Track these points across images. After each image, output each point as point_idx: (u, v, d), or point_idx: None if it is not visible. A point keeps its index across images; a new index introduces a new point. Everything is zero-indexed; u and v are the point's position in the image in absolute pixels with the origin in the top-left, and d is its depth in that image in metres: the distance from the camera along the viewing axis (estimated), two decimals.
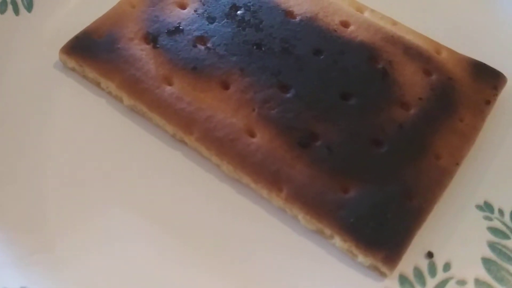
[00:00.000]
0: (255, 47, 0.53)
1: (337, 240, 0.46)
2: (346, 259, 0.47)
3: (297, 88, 0.51)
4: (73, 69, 0.55)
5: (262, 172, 0.48)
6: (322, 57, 0.53)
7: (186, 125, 0.50)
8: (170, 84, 0.52)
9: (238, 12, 0.55)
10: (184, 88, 0.51)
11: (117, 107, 0.53)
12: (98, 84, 0.54)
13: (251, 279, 0.46)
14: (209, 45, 0.53)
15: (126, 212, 0.48)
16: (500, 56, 0.56)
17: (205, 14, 0.55)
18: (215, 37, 0.54)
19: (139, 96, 0.52)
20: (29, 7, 0.58)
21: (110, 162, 0.50)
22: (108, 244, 0.46)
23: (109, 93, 0.53)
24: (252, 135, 0.49)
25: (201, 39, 0.54)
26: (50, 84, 0.54)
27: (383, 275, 0.46)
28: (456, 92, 0.52)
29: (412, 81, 0.52)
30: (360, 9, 0.57)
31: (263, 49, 0.53)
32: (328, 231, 0.47)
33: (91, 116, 0.53)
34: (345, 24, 0.55)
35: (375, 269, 0.46)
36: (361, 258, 0.46)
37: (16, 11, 0.58)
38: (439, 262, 0.47)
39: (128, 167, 0.50)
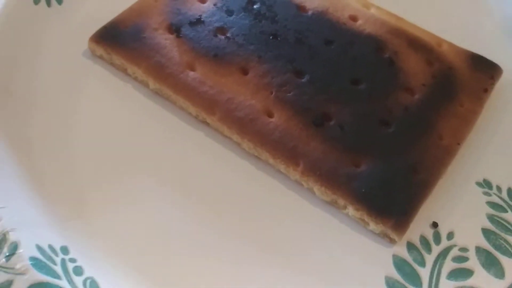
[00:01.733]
0: (271, 37, 0.58)
1: (350, 210, 0.51)
2: (358, 227, 0.52)
3: (311, 74, 0.56)
4: (100, 57, 0.60)
5: (280, 149, 0.53)
6: (333, 47, 0.58)
7: (208, 107, 0.55)
8: (193, 69, 0.57)
9: (255, 6, 0.61)
10: (206, 73, 0.56)
11: (143, 91, 0.59)
12: (124, 70, 0.59)
13: (270, 245, 0.50)
14: (228, 35, 0.58)
15: (152, 183, 0.53)
16: (497, 50, 0.62)
17: (223, 8, 0.60)
18: (234, 28, 0.59)
19: (165, 80, 0.57)
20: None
21: (137, 141, 0.56)
22: (135, 210, 0.51)
23: (135, 78, 0.59)
24: (270, 115, 0.54)
25: (221, 30, 0.59)
26: (80, 70, 0.59)
27: (392, 241, 0.51)
28: (456, 80, 0.58)
29: (416, 69, 0.58)
30: (367, 5, 0.63)
31: (278, 39, 0.58)
32: (341, 202, 0.52)
33: (118, 99, 0.58)
34: (354, 18, 0.61)
35: (385, 235, 0.51)
36: (372, 225, 0.51)
37: (48, 3, 0.63)
38: (443, 231, 0.52)
39: (154, 145, 0.55)
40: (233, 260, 0.49)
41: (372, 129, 0.54)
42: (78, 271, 0.46)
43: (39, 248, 0.46)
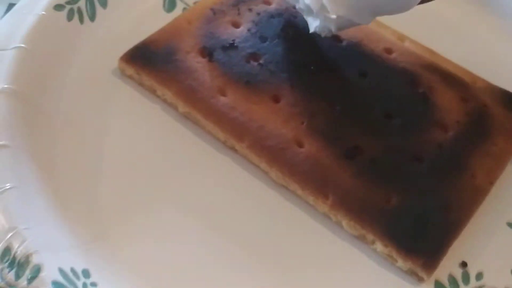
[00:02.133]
0: (304, 66, 0.58)
1: (379, 245, 0.51)
2: (385, 264, 0.51)
3: (344, 105, 0.56)
4: (130, 77, 0.60)
5: (309, 180, 0.53)
6: (367, 78, 0.58)
7: (238, 133, 0.55)
8: (224, 95, 0.56)
9: (289, 32, 0.61)
10: (237, 99, 0.56)
11: (171, 114, 0.58)
12: (153, 92, 0.59)
13: (298, 279, 0.50)
14: (261, 61, 0.58)
15: (176, 210, 0.53)
16: None
17: (257, 33, 0.60)
18: (267, 55, 0.59)
19: (195, 104, 0.57)
20: (93, 17, 0.63)
21: (163, 164, 0.55)
22: (158, 238, 0.51)
23: (165, 100, 0.58)
24: (301, 145, 0.54)
25: (254, 56, 0.59)
26: (109, 89, 0.59)
27: (420, 280, 0.50)
28: (490, 119, 0.57)
29: (450, 106, 0.57)
30: (402, 38, 0.62)
31: (311, 68, 0.58)
32: (370, 237, 0.51)
33: (146, 120, 0.58)
34: (388, 51, 0.61)
35: (413, 274, 0.50)
36: (400, 262, 0.50)
37: (81, 20, 0.63)
38: (472, 271, 0.51)
39: (180, 169, 0.55)
40: None
41: (404, 165, 0.54)
42: None
43: (61, 271, 0.46)
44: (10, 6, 0.62)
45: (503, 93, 0.59)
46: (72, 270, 0.46)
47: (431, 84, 0.58)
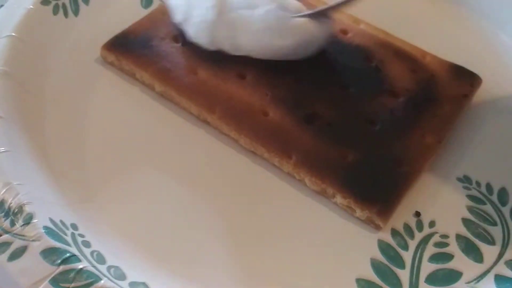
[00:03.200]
0: None
1: (338, 198, 0.54)
2: (345, 215, 0.55)
3: (304, 78, 0.61)
4: (111, 63, 0.64)
5: (274, 143, 0.57)
6: (324, 55, 0.62)
7: (209, 106, 0.59)
8: (195, 74, 0.61)
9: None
10: (207, 77, 0.61)
11: (149, 94, 0.63)
12: (133, 75, 0.63)
13: (265, 231, 0.54)
14: None
15: (155, 176, 0.56)
16: (478, 62, 0.65)
17: None
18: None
19: (170, 83, 0.61)
20: (76, 12, 0.68)
21: (144, 137, 0.59)
22: (139, 197, 0.55)
23: (143, 82, 0.63)
24: (266, 114, 0.58)
25: None
26: (93, 75, 0.64)
27: (377, 227, 0.53)
28: (438, 86, 0.61)
29: (400, 76, 0.62)
30: (357, 21, 0.67)
31: None
32: (330, 191, 0.55)
33: (127, 100, 0.62)
34: (344, 32, 0.66)
35: (371, 222, 0.54)
36: (358, 212, 0.54)
37: (66, 14, 0.68)
38: (425, 220, 0.54)
39: (159, 140, 0.59)
40: (228, 242, 0.52)
41: (358, 127, 0.58)
42: (86, 244, 0.49)
43: (52, 221, 0.49)
44: (1, 7, 0.66)
45: (450, 65, 0.64)
46: (61, 222, 0.50)
47: (383, 58, 0.63)
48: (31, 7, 0.65)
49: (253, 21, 0.58)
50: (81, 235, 0.50)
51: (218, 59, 0.61)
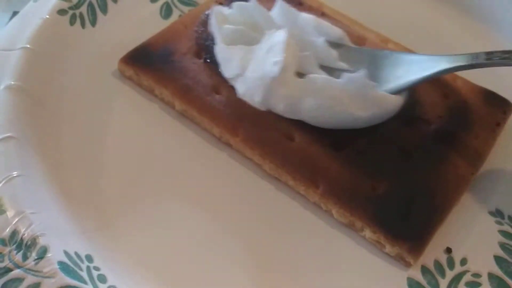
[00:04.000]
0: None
1: (367, 232, 0.51)
2: (373, 249, 0.52)
3: None
4: (129, 78, 0.61)
5: (300, 171, 0.54)
6: None
7: (232, 128, 0.56)
8: (218, 93, 0.58)
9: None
10: (231, 97, 0.57)
11: (169, 112, 0.59)
12: (151, 91, 0.60)
13: (289, 264, 0.51)
14: None
15: (175, 202, 0.54)
16: (508, 87, 0.62)
17: None
18: None
19: (191, 102, 0.58)
20: (94, 22, 0.65)
21: (162, 159, 0.56)
22: (157, 225, 0.52)
23: (162, 99, 0.59)
24: (291, 139, 0.55)
25: None
26: (109, 89, 0.61)
27: (407, 264, 0.51)
28: (471, 114, 0.58)
29: (432, 102, 0.58)
30: (385, 41, 0.63)
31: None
32: (359, 224, 0.52)
33: (145, 118, 0.59)
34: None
35: (401, 258, 0.51)
36: (388, 248, 0.51)
37: (83, 24, 0.64)
38: (457, 257, 0.51)
39: (178, 163, 0.56)
40: (251, 274, 0.50)
41: (389, 156, 0.55)
42: (102, 278, 0.46)
43: (67, 254, 0.46)
44: (14, 13, 0.64)
45: (481, 91, 0.60)
46: (76, 254, 0.47)
47: None
48: (47, 17, 0.62)
49: (329, 87, 0.53)
50: (96, 268, 0.47)
51: None
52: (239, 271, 0.50)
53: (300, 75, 0.54)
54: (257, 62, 0.54)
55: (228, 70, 0.56)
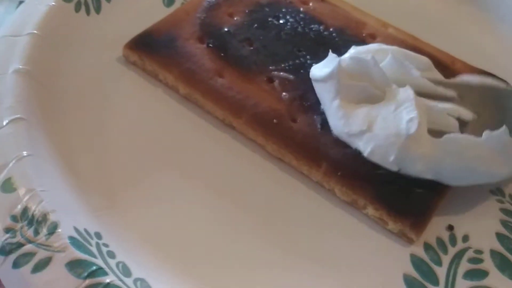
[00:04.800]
0: (295, 49, 0.61)
1: (370, 209, 0.53)
2: (376, 226, 0.53)
3: None
4: (134, 63, 0.62)
5: (303, 151, 0.55)
6: None
7: (235, 110, 0.57)
8: (221, 76, 0.59)
9: (280, 21, 0.64)
10: (234, 80, 0.58)
11: (173, 96, 0.61)
12: (156, 76, 0.61)
13: (292, 243, 0.52)
14: (254, 46, 0.61)
15: (179, 181, 0.55)
16: (506, 69, 0.63)
17: (250, 21, 0.63)
18: (259, 40, 0.62)
19: (195, 85, 0.59)
20: (98, 9, 0.66)
21: (167, 141, 0.57)
22: (163, 205, 0.53)
23: (166, 83, 0.61)
24: (294, 120, 0.56)
25: (248, 41, 0.62)
26: (115, 75, 0.62)
27: (410, 241, 0.52)
28: None
29: None
30: (385, 26, 0.65)
31: (302, 52, 0.61)
32: (361, 201, 0.53)
33: (150, 102, 0.60)
34: (372, 36, 0.63)
35: (403, 235, 0.52)
36: (391, 224, 0.52)
37: (88, 11, 0.66)
38: (459, 234, 0.52)
39: (183, 145, 0.57)
40: (255, 251, 0.51)
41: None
42: (111, 254, 0.47)
43: (76, 230, 0.47)
44: (20, 3, 0.65)
45: (480, 72, 0.62)
46: (85, 230, 0.48)
47: None
48: (53, 4, 0.63)
49: (471, 146, 0.52)
50: (106, 245, 0.48)
51: (245, 62, 0.60)
52: (244, 247, 0.51)
53: (433, 133, 0.53)
54: (386, 120, 0.53)
55: (350, 126, 0.54)
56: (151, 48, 0.61)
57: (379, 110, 0.53)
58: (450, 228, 0.53)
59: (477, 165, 0.51)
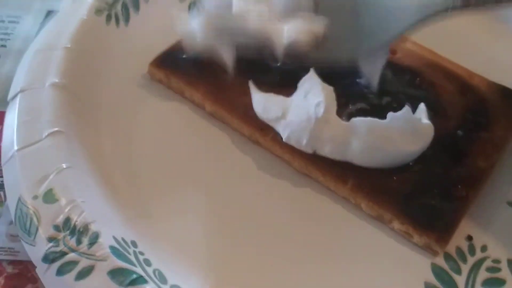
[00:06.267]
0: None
1: (396, 224, 0.56)
2: (400, 239, 0.57)
3: (358, 100, 0.63)
4: (159, 80, 0.66)
5: (330, 167, 0.58)
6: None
7: (262, 127, 0.61)
8: (247, 94, 0.62)
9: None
10: None
11: (199, 113, 0.65)
12: (181, 93, 0.65)
13: (318, 254, 0.55)
14: (279, 64, 0.65)
15: (206, 191, 0.59)
16: None
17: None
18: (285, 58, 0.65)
19: (221, 103, 0.63)
20: (126, 21, 0.71)
21: (194, 155, 0.61)
22: (192, 214, 0.57)
23: (192, 101, 0.65)
24: None
25: (274, 59, 0.65)
26: (143, 89, 0.67)
27: (435, 253, 0.55)
28: (489, 110, 0.63)
29: (451, 99, 0.64)
30: (403, 39, 0.68)
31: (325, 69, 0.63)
32: (387, 216, 0.56)
33: (177, 120, 0.64)
34: (393, 52, 0.67)
35: (428, 247, 0.55)
36: (416, 238, 0.55)
37: (117, 23, 0.70)
38: (477, 244, 0.56)
39: (210, 161, 0.61)
40: (285, 263, 0.55)
41: None
42: (148, 262, 0.51)
43: (115, 239, 0.51)
44: (49, 12, 0.70)
45: (499, 88, 0.66)
46: (123, 239, 0.52)
47: (433, 80, 0.65)
48: (85, 18, 0.68)
49: (376, 128, 0.57)
50: (141, 253, 0.52)
51: (272, 80, 0.63)
52: (272, 259, 0.54)
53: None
54: (298, 107, 0.58)
55: (267, 114, 0.60)
56: (177, 66, 0.65)
57: (292, 98, 0.59)
58: (469, 238, 0.56)
59: (384, 145, 0.56)
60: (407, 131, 0.56)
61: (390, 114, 0.55)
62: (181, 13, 0.65)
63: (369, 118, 0.56)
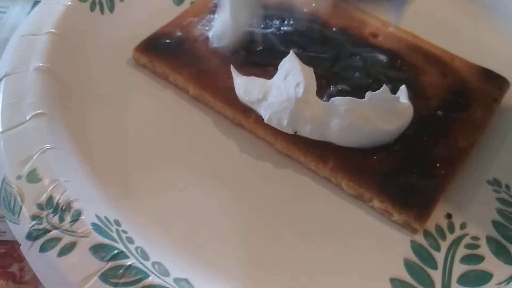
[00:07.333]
0: (300, 49, 0.67)
1: (375, 202, 0.58)
2: (380, 217, 0.59)
3: (339, 82, 0.65)
4: (144, 65, 0.69)
5: (311, 148, 0.60)
6: (357, 58, 0.67)
7: (244, 109, 0.63)
8: (230, 77, 0.64)
9: (285, 22, 0.70)
10: None
11: (183, 97, 0.67)
12: (166, 78, 0.67)
13: (299, 232, 0.58)
14: (260, 47, 0.68)
15: (190, 173, 0.61)
16: (504, 65, 0.70)
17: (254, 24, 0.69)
18: (266, 41, 0.68)
19: (204, 86, 0.65)
20: (112, 9, 0.74)
21: (178, 136, 0.64)
22: (176, 195, 0.59)
23: (176, 85, 0.67)
24: None
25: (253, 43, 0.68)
26: (127, 73, 0.69)
27: (414, 231, 0.57)
28: (469, 91, 0.66)
29: (432, 81, 0.66)
30: (385, 24, 0.71)
31: (306, 51, 0.67)
32: (367, 195, 0.58)
33: (161, 103, 0.66)
34: (374, 35, 0.70)
35: (407, 225, 0.57)
36: (396, 216, 0.57)
37: (102, 11, 0.73)
38: (457, 222, 0.58)
39: (194, 142, 0.63)
40: (266, 241, 0.57)
41: None
42: (130, 240, 0.53)
43: (98, 217, 0.53)
44: (36, 3, 0.72)
45: (479, 69, 0.68)
46: (106, 218, 0.54)
47: (414, 62, 0.68)
48: (69, 3, 0.70)
49: (354, 107, 0.58)
50: (124, 231, 0.54)
51: (254, 62, 0.66)
52: (253, 236, 0.56)
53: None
54: (278, 88, 0.60)
55: (249, 96, 0.62)
56: (161, 51, 0.68)
57: (272, 80, 0.61)
58: (449, 216, 0.59)
59: (364, 125, 0.58)
60: (386, 110, 0.58)
61: (369, 93, 0.57)
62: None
63: (348, 98, 0.58)
